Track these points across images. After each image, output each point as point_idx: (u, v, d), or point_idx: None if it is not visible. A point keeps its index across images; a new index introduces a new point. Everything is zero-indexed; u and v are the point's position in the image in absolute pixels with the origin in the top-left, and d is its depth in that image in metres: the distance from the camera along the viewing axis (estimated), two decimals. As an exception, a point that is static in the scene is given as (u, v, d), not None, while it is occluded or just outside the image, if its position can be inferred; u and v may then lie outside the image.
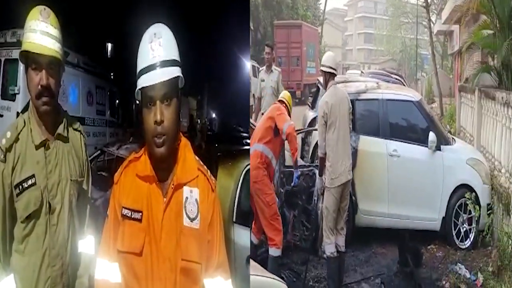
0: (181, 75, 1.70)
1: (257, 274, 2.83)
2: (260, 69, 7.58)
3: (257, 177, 4.40)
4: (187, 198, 1.74)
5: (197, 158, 1.84)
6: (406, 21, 36.21)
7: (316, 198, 5.00)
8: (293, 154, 4.65)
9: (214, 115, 20.66)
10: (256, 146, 4.56)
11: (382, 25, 44.40)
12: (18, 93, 6.46)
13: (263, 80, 6.92)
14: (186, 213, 1.73)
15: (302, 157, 4.95)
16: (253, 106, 7.03)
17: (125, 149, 5.19)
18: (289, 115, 4.84)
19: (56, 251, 2.08)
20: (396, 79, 12.33)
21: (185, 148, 1.80)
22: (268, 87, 6.76)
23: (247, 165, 3.93)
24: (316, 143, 5.18)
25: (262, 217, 4.47)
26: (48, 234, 2.05)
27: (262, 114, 6.75)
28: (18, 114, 5.71)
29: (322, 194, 4.49)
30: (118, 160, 5.01)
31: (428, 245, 5.48)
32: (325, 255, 4.47)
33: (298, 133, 5.26)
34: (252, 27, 24.44)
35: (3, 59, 6.74)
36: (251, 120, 6.03)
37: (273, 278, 2.91)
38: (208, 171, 1.85)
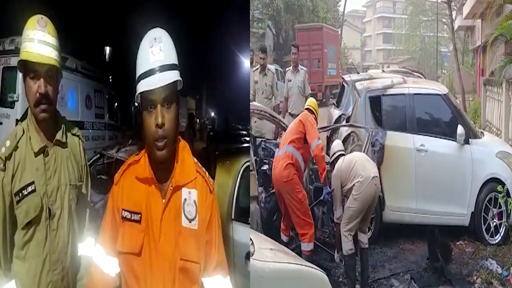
0: (180, 78, 1.73)
1: (296, 262, 2.79)
2: (287, 69, 7.60)
3: (288, 177, 4.46)
4: (185, 199, 1.77)
5: (195, 159, 1.86)
6: (425, 19, 35.24)
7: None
8: (321, 174, 4.59)
9: (213, 114, 20.68)
10: (287, 148, 4.60)
11: (400, 24, 43.37)
12: (17, 101, 6.43)
13: (290, 80, 6.99)
14: (185, 214, 1.76)
15: (328, 155, 4.90)
16: (280, 106, 7.11)
17: (124, 151, 5.18)
18: (316, 121, 4.85)
19: (57, 256, 2.10)
20: (418, 76, 12.16)
21: (184, 150, 1.82)
22: (295, 87, 6.86)
23: (245, 162, 3.94)
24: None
25: (294, 215, 4.52)
26: (48, 240, 2.07)
27: (289, 113, 6.90)
28: (17, 121, 5.74)
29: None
30: (117, 163, 5.00)
31: (457, 241, 5.35)
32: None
33: (322, 131, 5.18)
34: (274, 32, 24.61)
35: (1, 67, 6.69)
36: (282, 119, 6.00)
37: (311, 267, 2.85)
38: (206, 173, 1.87)
